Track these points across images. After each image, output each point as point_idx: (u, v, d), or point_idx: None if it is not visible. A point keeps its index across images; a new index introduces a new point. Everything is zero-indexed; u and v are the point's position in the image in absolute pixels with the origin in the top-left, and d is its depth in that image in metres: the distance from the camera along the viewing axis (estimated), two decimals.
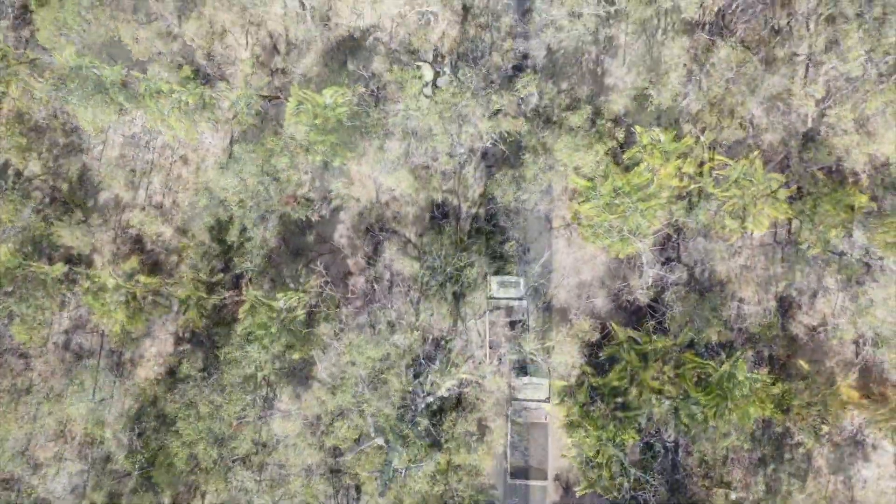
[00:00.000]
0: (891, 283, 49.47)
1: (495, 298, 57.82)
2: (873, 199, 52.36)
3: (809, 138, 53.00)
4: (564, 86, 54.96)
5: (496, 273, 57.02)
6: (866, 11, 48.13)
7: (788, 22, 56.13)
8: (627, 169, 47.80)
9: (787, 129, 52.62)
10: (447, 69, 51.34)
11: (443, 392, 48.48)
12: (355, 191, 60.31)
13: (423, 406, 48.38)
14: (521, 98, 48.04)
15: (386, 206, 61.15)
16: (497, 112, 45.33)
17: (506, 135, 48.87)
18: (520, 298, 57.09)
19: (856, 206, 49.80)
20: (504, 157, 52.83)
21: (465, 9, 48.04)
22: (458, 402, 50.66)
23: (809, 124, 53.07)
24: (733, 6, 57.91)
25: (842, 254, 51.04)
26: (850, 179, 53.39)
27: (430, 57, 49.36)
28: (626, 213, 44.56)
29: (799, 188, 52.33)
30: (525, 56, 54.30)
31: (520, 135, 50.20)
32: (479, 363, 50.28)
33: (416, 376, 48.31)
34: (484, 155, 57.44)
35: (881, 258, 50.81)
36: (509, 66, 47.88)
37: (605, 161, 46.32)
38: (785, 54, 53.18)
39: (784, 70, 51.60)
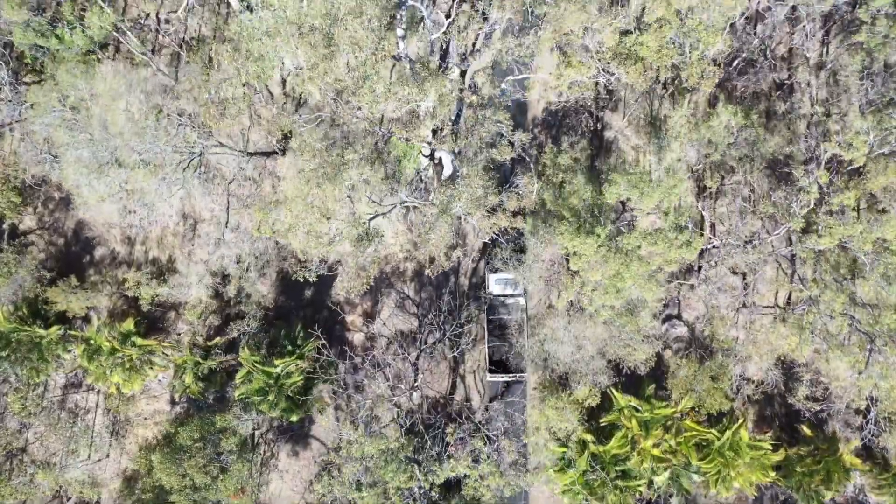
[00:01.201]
0: None
1: (493, 296, 57.50)
2: (864, 447, 52.67)
3: (796, 378, 52.59)
4: (564, 144, 54.54)
5: (494, 272, 56.73)
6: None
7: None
8: (603, 433, 48.85)
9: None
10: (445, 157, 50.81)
11: (441, 479, 47.98)
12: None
13: (423, 500, 48.06)
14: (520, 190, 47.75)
15: (385, 260, 60.72)
16: (496, 209, 44.98)
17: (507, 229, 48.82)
18: (517, 295, 56.74)
19: (849, 466, 50.68)
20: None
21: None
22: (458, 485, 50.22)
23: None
24: (734, 63, 57.56)
25: None
26: (839, 429, 53.49)
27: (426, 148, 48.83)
28: (604, 495, 46.53)
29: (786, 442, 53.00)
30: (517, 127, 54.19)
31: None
32: (477, 457, 49.87)
33: (415, 462, 47.81)
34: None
35: None
36: (508, 158, 47.58)
37: (580, 431, 48.18)
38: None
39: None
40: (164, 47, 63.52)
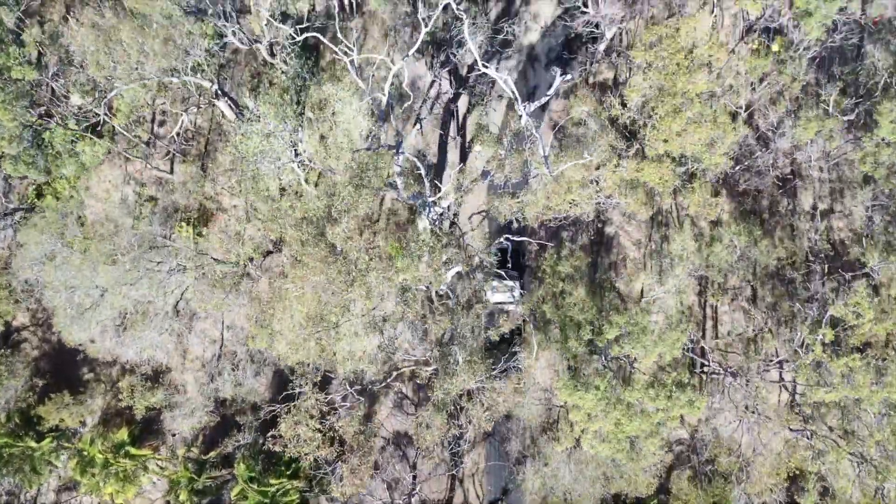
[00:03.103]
0: None
1: (489, 303, 56.46)
2: None
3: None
4: (564, 252, 53.77)
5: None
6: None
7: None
8: None
9: None
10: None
11: None
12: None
13: None
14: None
15: (382, 359, 59.88)
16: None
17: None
18: (514, 303, 55.78)
19: None
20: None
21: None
22: None
23: None
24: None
25: None
26: None
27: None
28: None
29: None
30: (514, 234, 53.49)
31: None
32: None
33: None
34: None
35: None
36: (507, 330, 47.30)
37: None
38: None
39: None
40: (160, 138, 62.69)
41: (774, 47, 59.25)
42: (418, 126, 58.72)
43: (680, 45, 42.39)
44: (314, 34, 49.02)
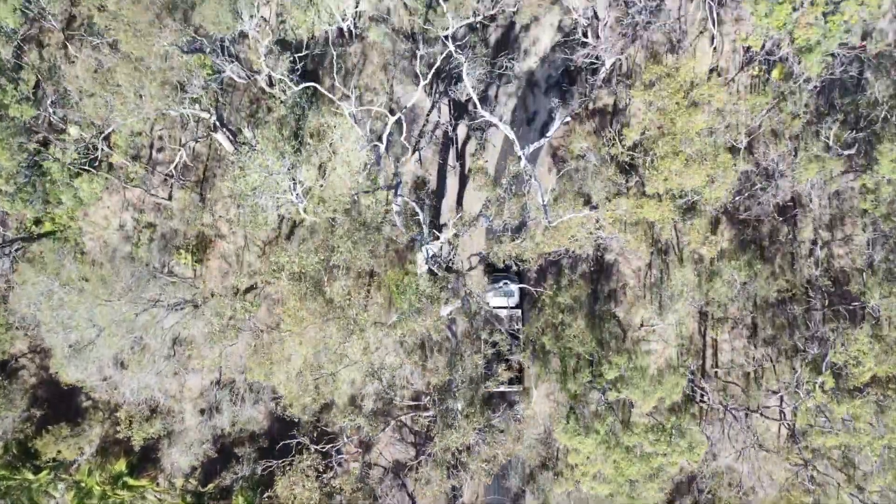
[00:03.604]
0: None
1: (492, 307, 56.00)
2: None
3: None
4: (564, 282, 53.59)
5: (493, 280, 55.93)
6: None
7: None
8: None
9: None
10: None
11: None
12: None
13: None
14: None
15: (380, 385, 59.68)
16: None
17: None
18: (514, 307, 55.45)
19: None
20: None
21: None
22: None
23: None
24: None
25: None
26: None
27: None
28: None
29: None
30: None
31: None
32: None
33: None
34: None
35: None
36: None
37: None
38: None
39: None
40: (159, 164, 62.46)
41: (775, 74, 59.11)
42: (417, 154, 58.56)
43: (679, 85, 42.22)
44: (313, 84, 49.15)
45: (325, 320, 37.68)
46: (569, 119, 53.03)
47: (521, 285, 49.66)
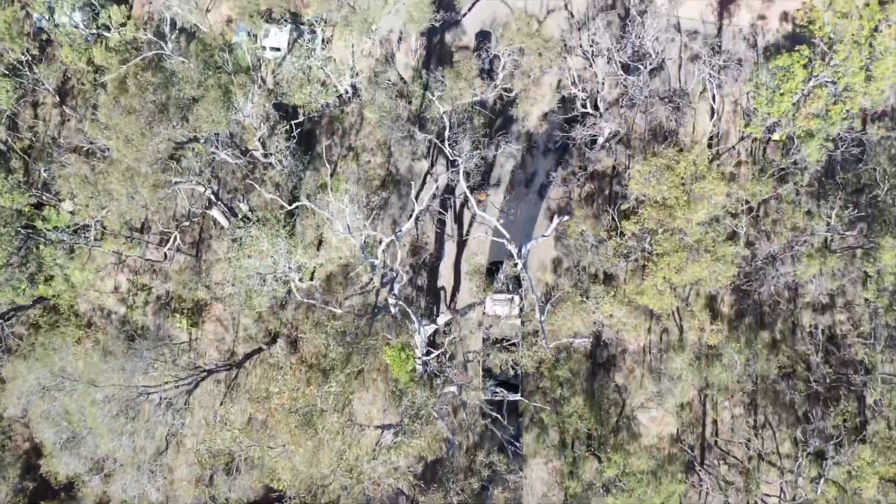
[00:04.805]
0: None
1: (489, 316, 55.79)
2: None
3: None
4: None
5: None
6: None
7: None
8: None
9: None
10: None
11: None
12: None
13: None
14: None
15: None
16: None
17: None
18: (514, 316, 55.11)
19: None
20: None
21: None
22: None
23: None
24: None
25: None
26: None
27: None
28: None
29: None
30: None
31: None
32: None
33: None
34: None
35: None
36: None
37: None
38: None
39: None
40: (155, 223, 61.91)
41: (776, 137, 58.52)
42: (414, 220, 57.97)
43: (680, 179, 41.67)
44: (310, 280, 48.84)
45: (318, 449, 37.24)
46: (567, 217, 52.38)
47: (518, 397, 49.01)
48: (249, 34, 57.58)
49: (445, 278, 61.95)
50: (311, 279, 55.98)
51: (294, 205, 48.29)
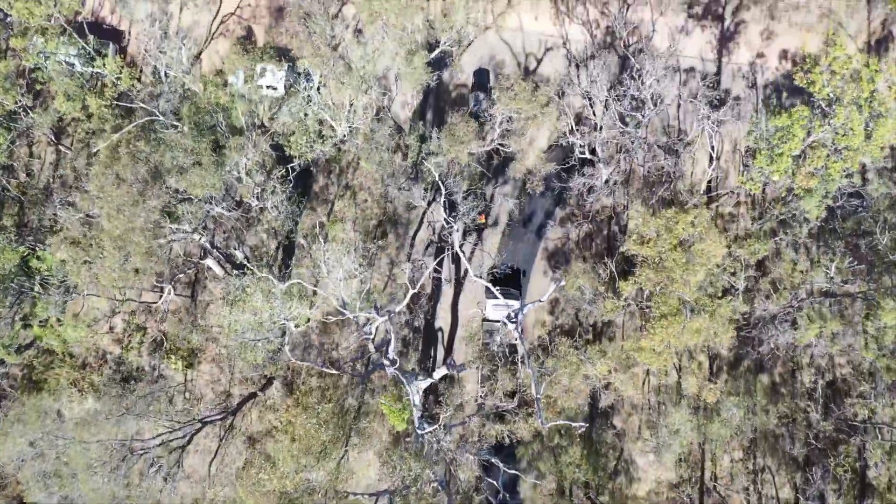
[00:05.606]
0: None
1: (489, 321, 55.81)
2: None
3: None
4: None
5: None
6: None
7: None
8: None
9: None
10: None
11: None
12: None
13: None
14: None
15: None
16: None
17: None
18: (513, 321, 54.71)
19: None
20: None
21: None
22: None
23: None
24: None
25: None
26: None
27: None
28: None
29: None
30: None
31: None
32: None
33: None
34: None
35: None
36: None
37: None
38: None
39: None
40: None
41: (775, 177, 58.21)
42: (410, 265, 57.60)
43: (678, 241, 41.33)
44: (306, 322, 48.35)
45: None
46: (562, 283, 52.00)
47: (515, 471, 48.57)
48: (246, 79, 56.97)
49: (443, 319, 61.49)
50: (308, 321, 55.62)
51: (290, 269, 47.93)
